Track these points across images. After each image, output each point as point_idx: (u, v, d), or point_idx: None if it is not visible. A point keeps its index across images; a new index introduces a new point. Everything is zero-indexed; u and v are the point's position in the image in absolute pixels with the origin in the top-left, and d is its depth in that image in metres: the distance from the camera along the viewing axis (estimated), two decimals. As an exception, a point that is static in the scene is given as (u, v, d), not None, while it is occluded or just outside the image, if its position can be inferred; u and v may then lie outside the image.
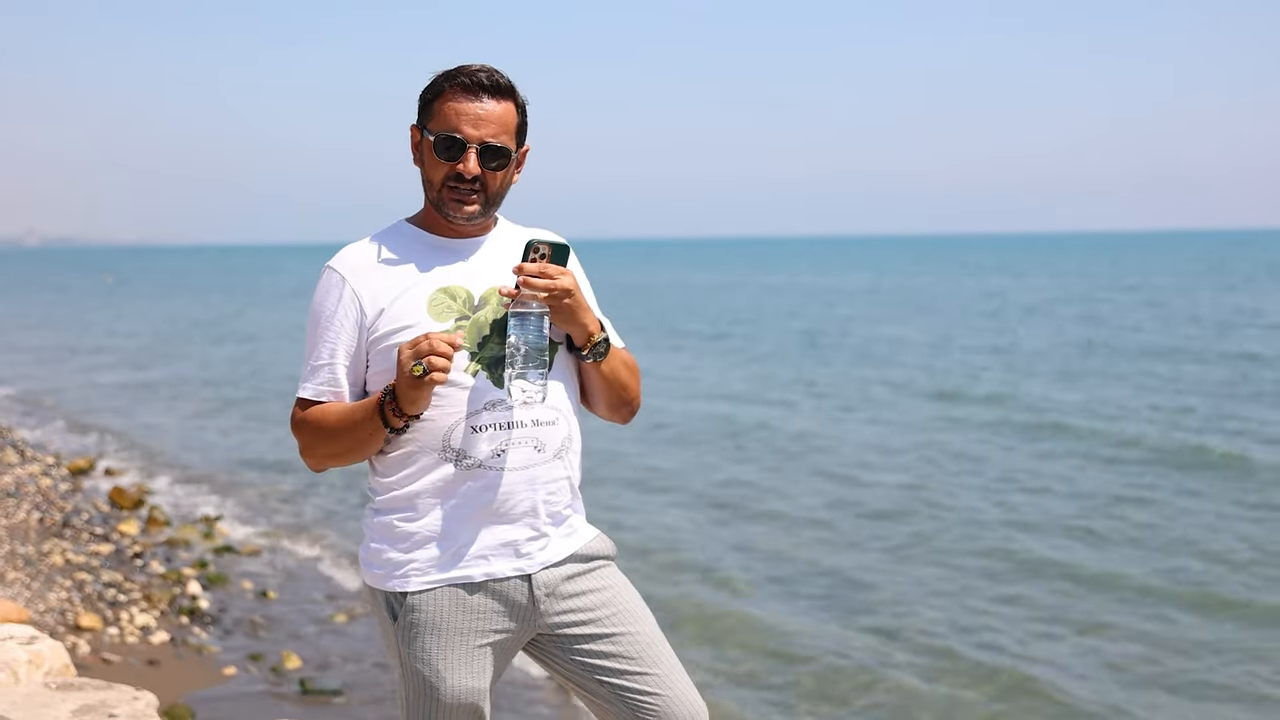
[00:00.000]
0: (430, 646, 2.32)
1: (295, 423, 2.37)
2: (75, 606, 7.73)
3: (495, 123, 2.31)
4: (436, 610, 2.32)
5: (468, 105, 2.30)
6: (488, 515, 2.32)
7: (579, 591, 2.40)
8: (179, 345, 30.30)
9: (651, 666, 2.38)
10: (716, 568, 9.46)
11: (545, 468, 2.35)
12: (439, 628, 2.32)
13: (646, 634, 2.41)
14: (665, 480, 12.73)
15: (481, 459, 2.30)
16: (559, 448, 2.37)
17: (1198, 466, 12.77)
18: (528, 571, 2.35)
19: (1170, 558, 9.51)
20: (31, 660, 3.41)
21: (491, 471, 2.31)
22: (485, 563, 2.33)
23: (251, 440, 15.75)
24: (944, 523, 10.68)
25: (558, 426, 2.37)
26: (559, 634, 2.39)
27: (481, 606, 2.33)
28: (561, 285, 2.24)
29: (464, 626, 2.33)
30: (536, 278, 2.22)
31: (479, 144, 2.30)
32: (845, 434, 15.43)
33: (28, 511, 10.44)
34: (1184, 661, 7.47)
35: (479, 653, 2.34)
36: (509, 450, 2.31)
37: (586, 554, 2.42)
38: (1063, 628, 8.05)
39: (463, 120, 2.30)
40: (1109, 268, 73.42)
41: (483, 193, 2.33)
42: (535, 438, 2.33)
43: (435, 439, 2.30)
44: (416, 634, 2.33)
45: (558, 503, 2.39)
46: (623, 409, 2.46)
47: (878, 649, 7.68)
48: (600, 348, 2.35)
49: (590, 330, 2.33)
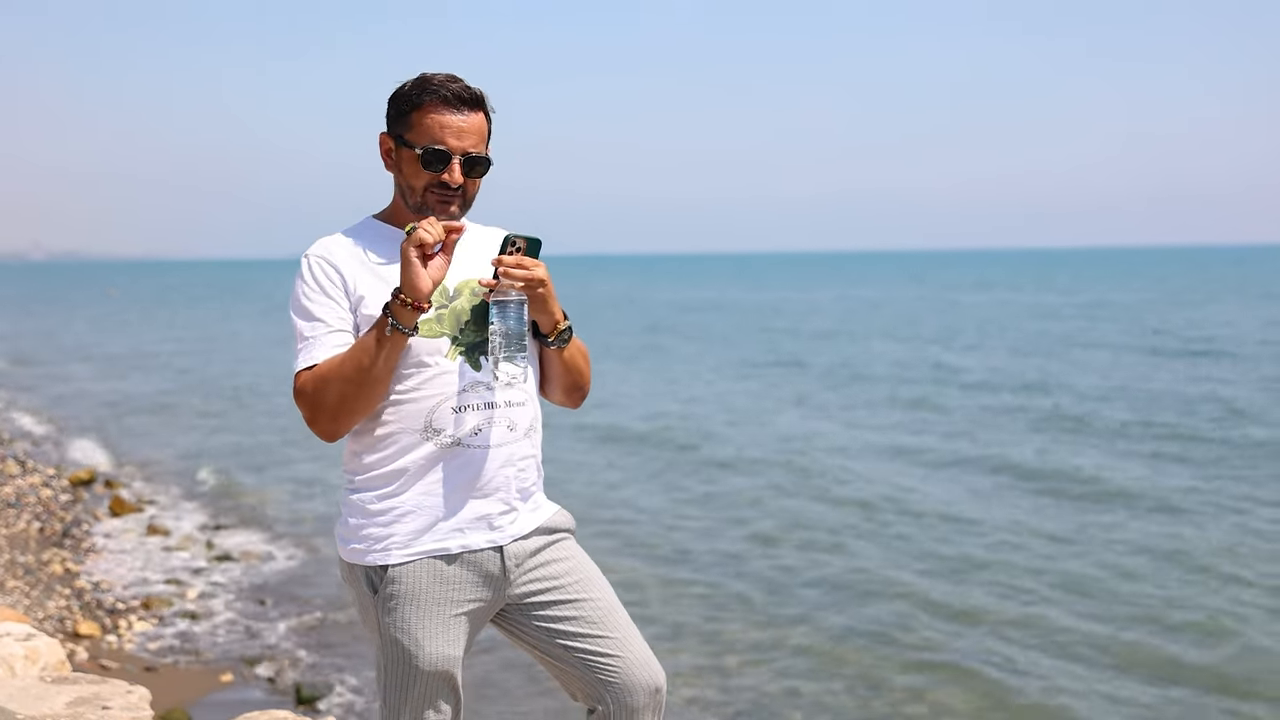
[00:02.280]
0: (409, 616, 2.44)
1: (298, 389, 2.40)
2: (74, 614, 7.82)
3: (475, 133, 2.46)
4: (415, 582, 2.44)
5: (450, 118, 2.44)
6: (465, 490, 2.45)
7: (544, 562, 2.53)
8: (176, 355, 30.40)
9: (611, 630, 2.51)
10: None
11: (517, 445, 2.49)
12: (418, 598, 2.44)
13: (606, 601, 2.55)
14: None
15: (460, 437, 2.43)
16: (528, 427, 2.52)
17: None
18: (500, 543, 2.48)
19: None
20: (28, 656, 3.50)
21: (470, 449, 2.44)
22: (461, 535, 2.45)
23: (249, 450, 15.83)
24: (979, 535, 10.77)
25: (527, 407, 2.51)
26: (525, 602, 2.52)
27: (458, 577, 2.46)
28: (537, 275, 2.39)
29: (441, 597, 2.45)
30: (516, 269, 2.37)
31: (462, 154, 2.44)
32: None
33: (28, 521, 10.54)
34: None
35: (455, 621, 2.46)
36: (487, 429, 2.45)
37: (550, 527, 2.56)
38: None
39: (446, 133, 2.43)
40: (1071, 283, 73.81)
41: (462, 197, 2.47)
42: (509, 418, 2.48)
43: (418, 420, 2.42)
44: (396, 605, 2.44)
45: (526, 479, 2.53)
46: (575, 393, 2.62)
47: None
48: (565, 335, 2.52)
49: (557, 318, 2.49)
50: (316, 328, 2.42)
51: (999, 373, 24.07)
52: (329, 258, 2.46)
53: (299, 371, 2.41)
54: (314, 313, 2.43)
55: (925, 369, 25.00)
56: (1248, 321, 37.45)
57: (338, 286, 2.44)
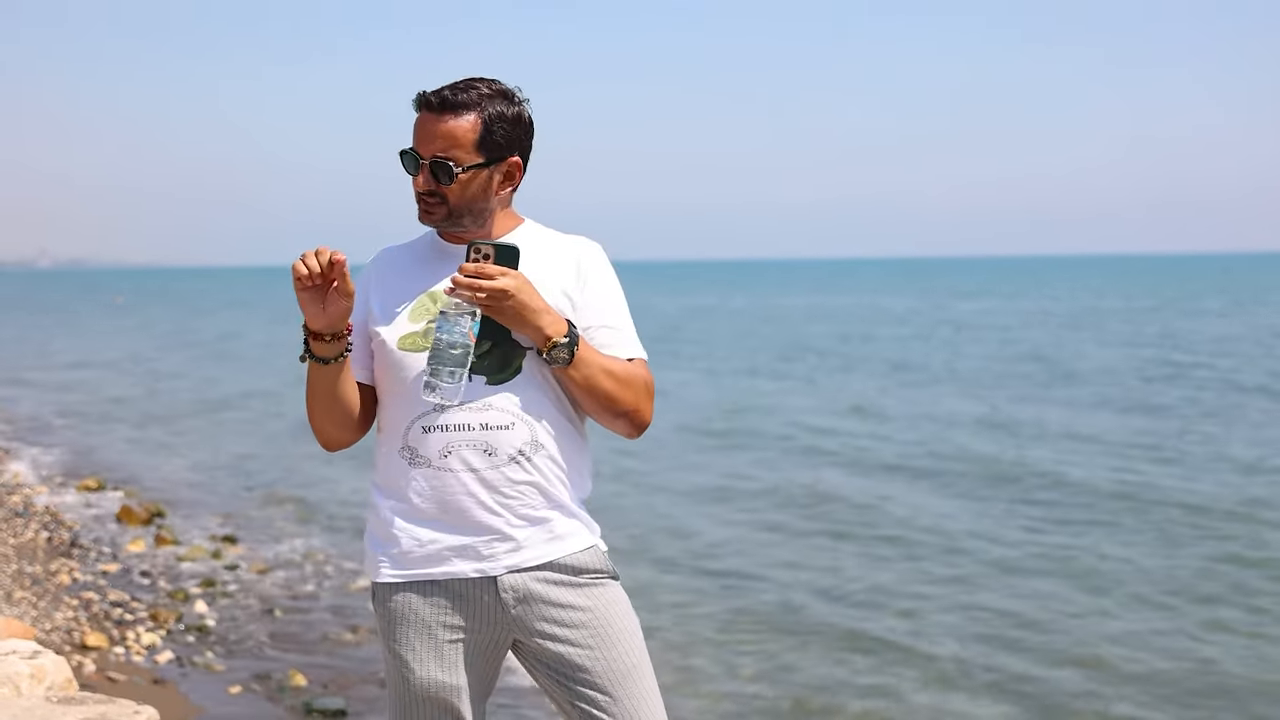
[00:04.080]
0: (401, 637, 2.39)
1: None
2: (82, 625, 7.72)
3: (443, 138, 2.34)
4: (405, 603, 2.38)
5: (423, 122, 2.37)
6: (443, 514, 2.35)
7: (560, 603, 2.37)
8: (187, 362, 30.38)
9: (623, 697, 2.35)
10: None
11: (501, 471, 2.33)
12: (409, 620, 2.38)
13: (624, 663, 2.36)
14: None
15: (431, 459, 2.34)
16: (515, 452, 2.33)
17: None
18: (491, 574, 2.35)
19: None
20: (34, 674, 3.41)
21: (443, 472, 2.34)
22: (446, 563, 2.36)
23: (260, 459, 15.75)
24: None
25: (514, 431, 2.33)
26: (534, 642, 2.38)
27: (445, 605, 2.37)
28: (495, 286, 2.23)
29: (431, 621, 2.37)
30: (473, 277, 2.25)
31: (430, 158, 2.34)
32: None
33: (35, 531, 10.46)
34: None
35: (450, 648, 2.37)
36: (456, 452, 2.33)
37: (573, 565, 2.38)
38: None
39: (417, 138, 2.37)
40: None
41: (444, 205, 2.37)
42: (485, 441, 2.32)
43: (396, 436, 2.38)
44: (391, 624, 2.41)
45: (524, 506, 2.35)
46: (617, 420, 2.38)
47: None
48: (559, 353, 2.29)
49: (548, 334, 2.29)
50: None
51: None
52: (373, 272, 2.49)
53: None
54: None
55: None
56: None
57: (362, 299, 2.42)
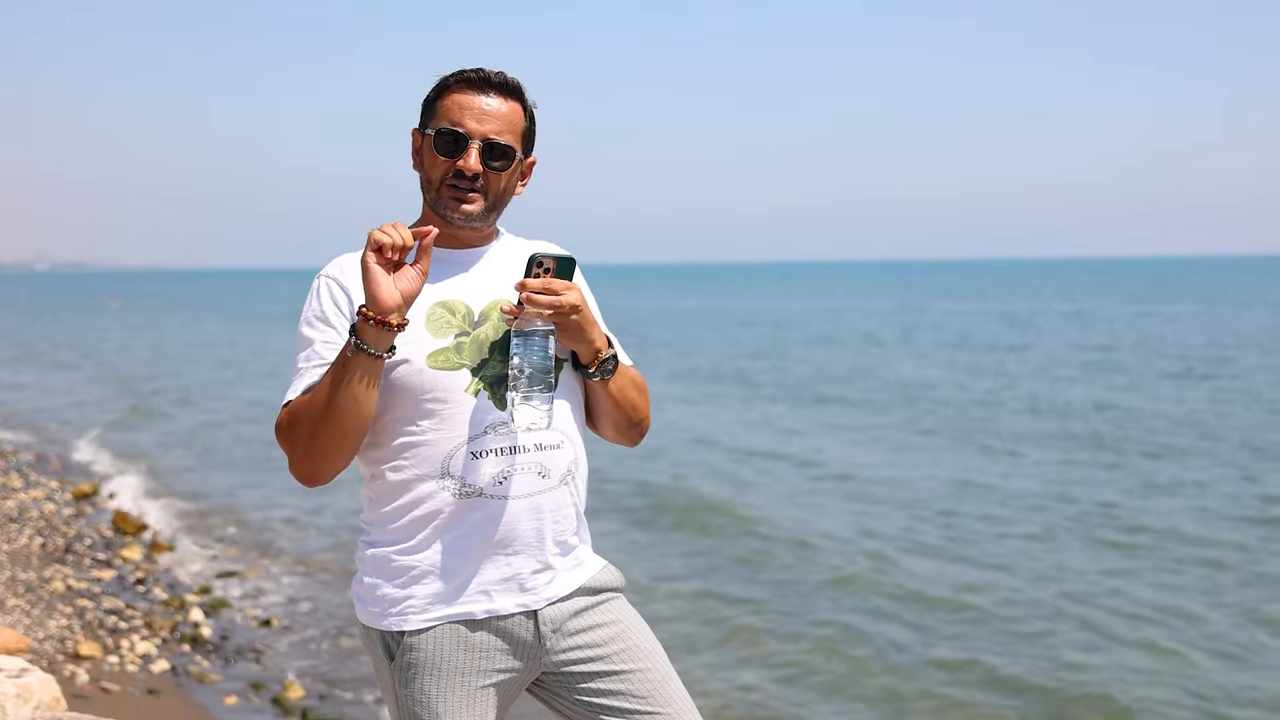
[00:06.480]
0: (429, 688, 2.16)
1: (277, 425, 2.15)
2: (76, 634, 7.63)
3: (500, 120, 2.17)
4: (436, 650, 2.16)
5: (472, 99, 2.17)
6: (490, 547, 2.16)
7: (586, 627, 2.24)
8: (181, 369, 30.28)
9: (662, 705, 2.22)
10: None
11: (550, 495, 2.19)
12: (439, 668, 2.16)
13: (657, 671, 2.25)
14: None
15: (483, 486, 2.14)
16: (564, 473, 2.21)
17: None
18: (533, 608, 2.19)
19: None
20: (20, 694, 3.31)
21: (494, 500, 2.14)
22: (488, 599, 2.17)
23: (257, 467, 15.66)
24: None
25: (563, 450, 2.20)
26: (564, 672, 2.23)
27: (484, 645, 2.18)
28: (568, 301, 2.08)
29: (465, 666, 2.17)
30: (541, 294, 2.07)
31: (482, 139, 2.15)
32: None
33: (30, 537, 10.36)
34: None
35: (481, 694, 2.19)
36: (512, 477, 2.15)
37: (594, 586, 2.27)
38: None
39: (466, 114, 2.16)
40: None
41: (484, 193, 2.18)
42: (540, 463, 2.17)
43: (434, 465, 2.14)
44: (415, 675, 2.17)
45: (564, 532, 2.23)
46: (631, 430, 2.29)
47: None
48: (609, 365, 2.20)
49: (598, 347, 2.18)
50: (310, 358, 2.15)
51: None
52: (340, 278, 2.18)
53: (282, 405, 2.15)
54: (311, 342, 2.16)
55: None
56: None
57: (342, 314, 2.15)
